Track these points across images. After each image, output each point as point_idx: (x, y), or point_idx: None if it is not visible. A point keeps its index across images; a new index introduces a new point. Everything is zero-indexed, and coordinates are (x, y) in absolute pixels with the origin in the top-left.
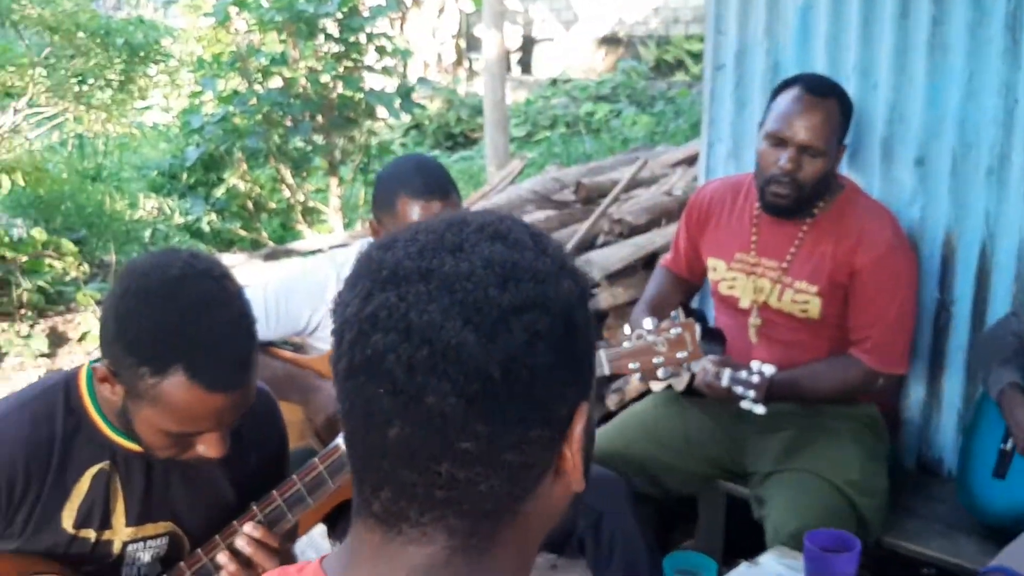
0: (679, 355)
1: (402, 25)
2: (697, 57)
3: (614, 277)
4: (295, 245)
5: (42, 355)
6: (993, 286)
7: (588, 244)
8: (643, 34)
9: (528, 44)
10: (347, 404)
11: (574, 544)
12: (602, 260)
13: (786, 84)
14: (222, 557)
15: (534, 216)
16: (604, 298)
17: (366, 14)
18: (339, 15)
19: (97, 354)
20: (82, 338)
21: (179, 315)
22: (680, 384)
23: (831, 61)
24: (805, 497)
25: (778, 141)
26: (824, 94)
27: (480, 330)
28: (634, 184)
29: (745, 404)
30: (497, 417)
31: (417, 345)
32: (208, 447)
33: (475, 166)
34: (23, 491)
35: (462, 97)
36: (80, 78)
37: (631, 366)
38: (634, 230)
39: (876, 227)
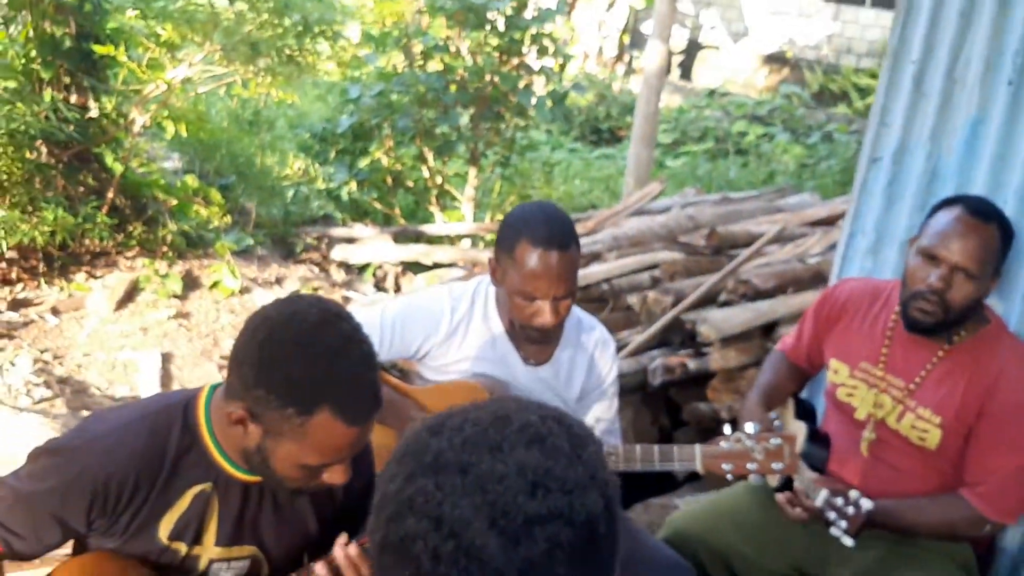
0: (774, 466)
1: (570, 13)
2: (863, 92)
3: (728, 340)
4: (424, 227)
5: (174, 295)
6: None
7: (710, 299)
8: (812, 58)
9: (692, 49)
10: (378, 570)
11: None
12: (720, 321)
13: (947, 202)
14: (320, 568)
15: (660, 256)
16: (714, 359)
17: (534, 12)
18: (508, 11)
19: (224, 304)
20: (213, 285)
21: (323, 359)
22: (775, 480)
23: (993, 179)
24: None
25: (931, 258)
26: (987, 219)
27: (504, 534)
28: (774, 239)
29: (834, 531)
30: None
31: (445, 537)
32: (334, 475)
33: (614, 168)
34: (130, 496)
35: (615, 93)
36: (253, 46)
37: (724, 467)
38: (759, 294)
39: (1017, 371)
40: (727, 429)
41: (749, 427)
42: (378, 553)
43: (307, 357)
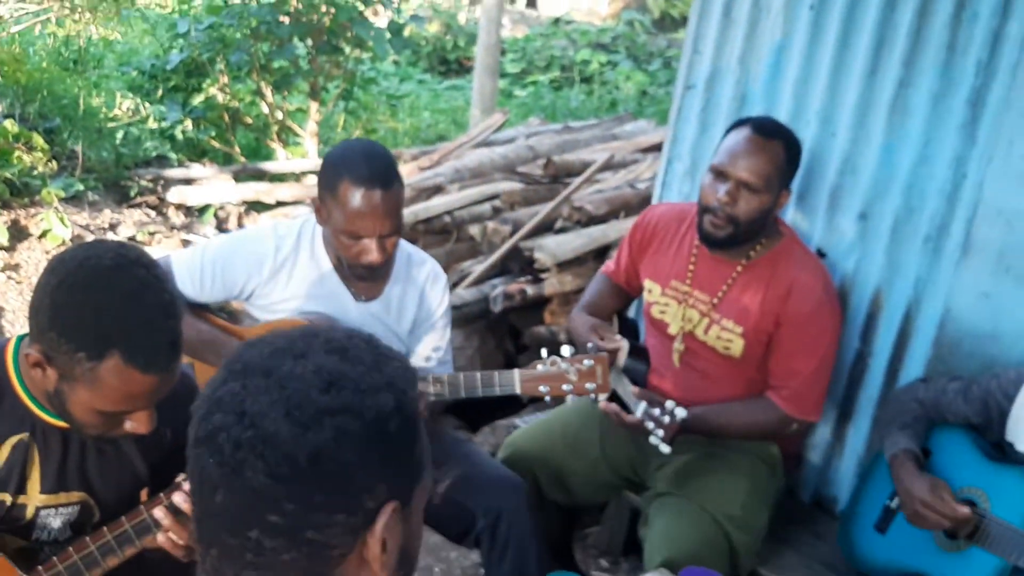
0: (588, 386)
1: None
2: None
3: (564, 265)
4: (266, 165)
5: (1, 248)
6: (911, 348)
7: (546, 227)
8: None
9: None
10: (190, 470)
11: (471, 539)
12: (556, 247)
13: (738, 123)
14: (158, 512)
15: (500, 186)
16: (551, 284)
17: None
18: None
19: (55, 253)
20: (43, 235)
21: (114, 303)
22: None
23: (796, 102)
24: (683, 526)
25: (720, 175)
26: (771, 136)
27: (297, 423)
28: (603, 168)
29: (653, 440)
30: (302, 498)
31: (245, 427)
32: (137, 424)
33: (461, 99)
34: None
35: (462, 23)
36: None
37: (541, 388)
38: (592, 219)
39: (808, 281)
40: (543, 352)
41: (565, 350)
42: (192, 447)
43: (97, 301)
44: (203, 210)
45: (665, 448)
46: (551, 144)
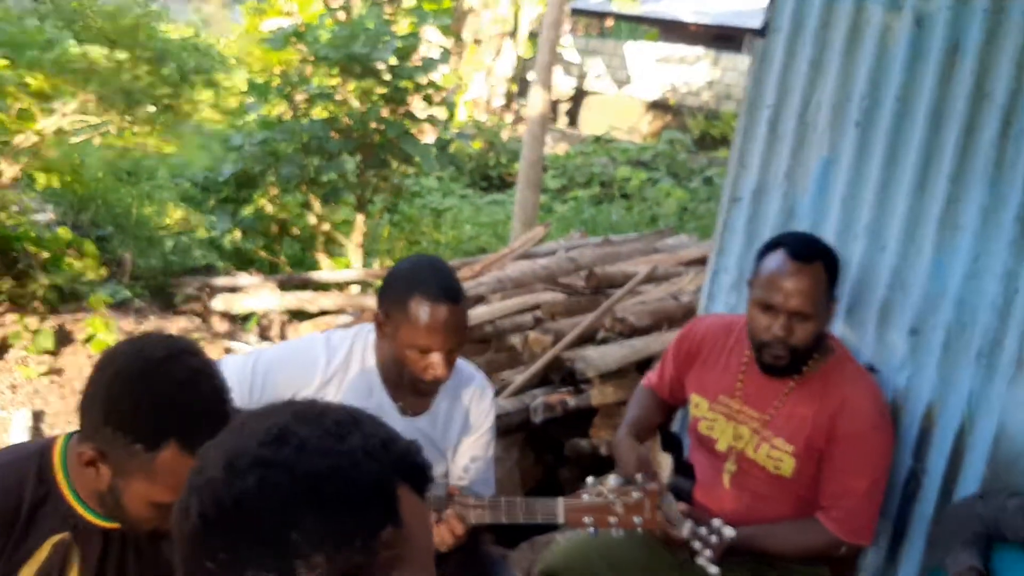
0: (635, 519)
1: (459, 60)
2: None
3: (607, 376)
4: (312, 274)
5: (47, 351)
6: (966, 465)
7: (588, 337)
8: (693, 104)
9: (579, 97)
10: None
11: None
12: (598, 358)
13: (771, 246)
14: None
15: (541, 297)
16: (594, 395)
17: (419, 62)
18: (393, 60)
19: (93, 359)
20: (88, 340)
21: (169, 391)
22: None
23: (844, 216)
24: None
25: (767, 308)
26: (809, 259)
27: (231, 469)
28: (645, 279)
29: (700, 560)
30: (229, 546)
31: (196, 474)
32: None
33: (502, 213)
34: None
35: (504, 141)
36: (129, 95)
37: (585, 520)
38: (635, 330)
39: (860, 398)
40: (589, 480)
41: (611, 480)
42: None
43: (152, 391)
44: (247, 318)
45: (714, 569)
46: (592, 256)
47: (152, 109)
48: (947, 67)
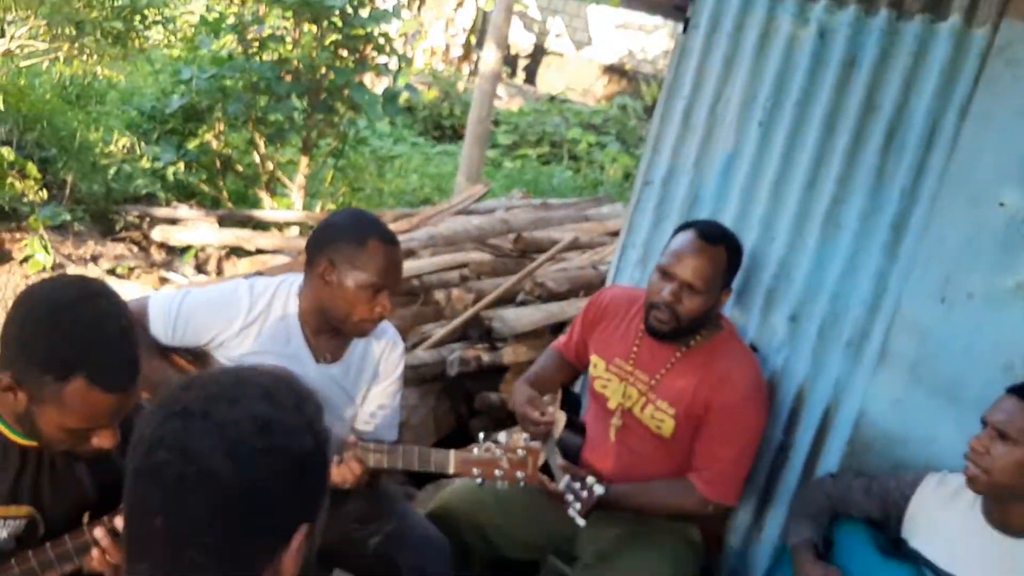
0: (518, 474)
1: (420, 8)
2: None
3: (521, 337)
4: (253, 212)
5: None
6: (828, 444)
7: (509, 299)
8: (649, 72)
9: (538, 54)
10: (130, 497)
11: None
12: (514, 319)
13: (685, 226)
14: (99, 532)
15: (470, 256)
16: (507, 354)
17: (377, 9)
18: (348, 8)
19: (35, 280)
20: (24, 260)
21: (77, 331)
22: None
23: (742, 207)
24: None
25: (666, 275)
26: (714, 241)
27: (235, 461)
28: (569, 247)
29: (570, 512)
30: (235, 524)
31: (188, 463)
32: (102, 439)
33: (451, 165)
34: None
35: (460, 92)
36: (79, 24)
37: (474, 471)
38: (552, 295)
39: (740, 373)
40: (480, 435)
41: (501, 436)
42: (131, 480)
43: (62, 329)
44: (184, 250)
45: (580, 521)
46: (526, 220)
47: (100, 39)
48: (843, 78)
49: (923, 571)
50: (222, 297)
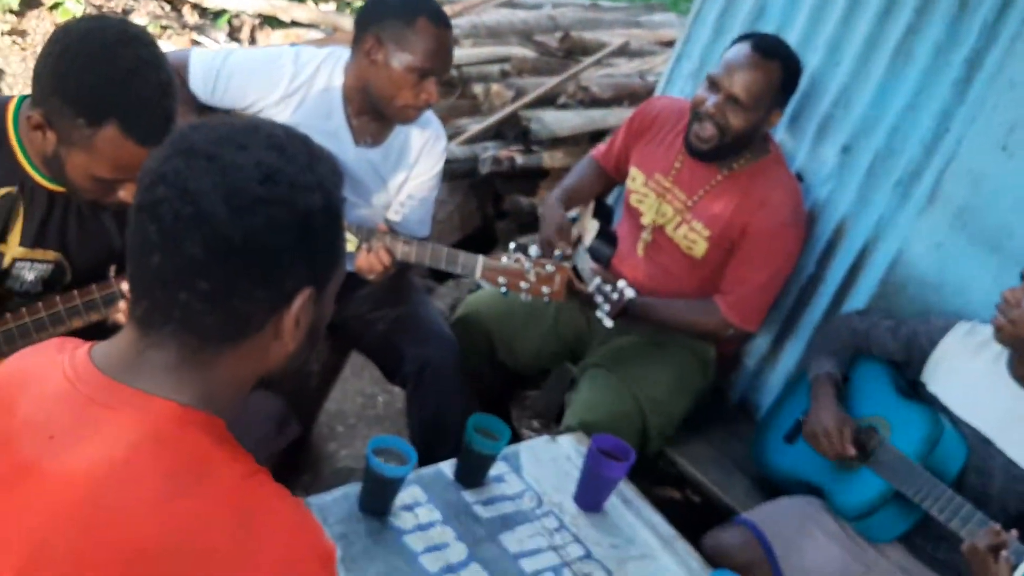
0: (544, 289)
1: None
2: None
3: (559, 141)
4: None
5: (10, 11)
6: (860, 281)
7: (550, 100)
8: None
9: None
10: (131, 231)
11: (399, 379)
12: (554, 122)
13: (743, 37)
14: (125, 284)
15: (512, 51)
16: (543, 158)
17: None
18: None
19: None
20: (54, 7)
21: (116, 75)
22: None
23: (809, 26)
24: (604, 397)
25: (714, 85)
26: (770, 56)
27: (234, 207)
28: (617, 52)
29: (599, 313)
30: (230, 272)
31: (186, 203)
32: (129, 193)
33: None
34: None
35: None
36: None
37: (500, 279)
38: (596, 101)
39: (781, 200)
40: (511, 246)
41: (532, 250)
42: (134, 213)
43: (99, 71)
44: (218, 15)
45: (608, 322)
46: (574, 18)
47: None
48: None
49: (938, 415)
50: (267, 60)
